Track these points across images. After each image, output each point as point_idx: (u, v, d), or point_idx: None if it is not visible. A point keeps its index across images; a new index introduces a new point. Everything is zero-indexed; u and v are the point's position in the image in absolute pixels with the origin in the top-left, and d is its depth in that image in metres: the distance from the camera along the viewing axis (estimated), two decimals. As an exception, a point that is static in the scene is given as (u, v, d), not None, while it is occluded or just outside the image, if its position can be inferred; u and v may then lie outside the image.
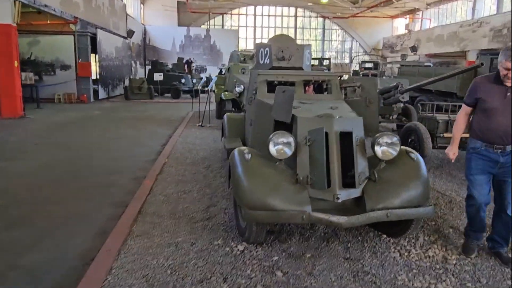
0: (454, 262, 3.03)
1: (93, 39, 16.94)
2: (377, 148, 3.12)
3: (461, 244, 3.27)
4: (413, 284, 2.69)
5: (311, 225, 3.59)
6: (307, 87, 4.73)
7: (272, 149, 3.05)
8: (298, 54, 4.99)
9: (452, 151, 3.15)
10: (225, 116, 5.94)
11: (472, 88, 2.97)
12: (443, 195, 4.69)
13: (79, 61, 16.32)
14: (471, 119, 3.09)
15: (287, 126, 3.39)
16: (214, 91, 11.14)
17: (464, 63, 25.42)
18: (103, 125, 9.89)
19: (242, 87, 9.29)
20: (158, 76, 18.25)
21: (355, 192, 3.02)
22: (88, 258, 2.98)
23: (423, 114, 5.95)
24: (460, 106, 6.15)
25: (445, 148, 5.75)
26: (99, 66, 17.79)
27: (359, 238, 3.41)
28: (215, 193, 4.58)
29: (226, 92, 9.68)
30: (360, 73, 22.93)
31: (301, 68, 5.00)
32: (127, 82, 21.57)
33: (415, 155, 3.27)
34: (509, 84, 2.75)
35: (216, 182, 5.00)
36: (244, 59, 11.47)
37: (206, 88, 19.96)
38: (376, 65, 24.13)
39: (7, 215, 3.82)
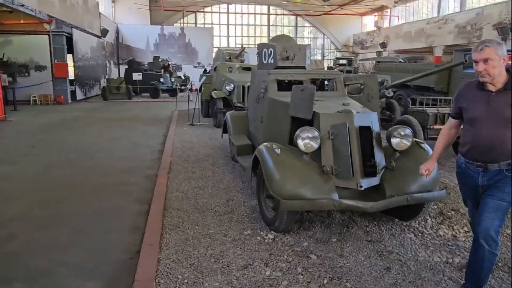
0: (463, 239, 3.41)
1: (68, 39, 16.54)
2: (393, 140, 3.45)
3: (465, 224, 3.67)
4: (433, 259, 3.04)
5: (329, 213, 3.89)
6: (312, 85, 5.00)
7: (301, 143, 3.31)
8: (301, 54, 5.25)
9: (425, 167, 2.65)
10: (227, 114, 6.14)
11: (455, 97, 2.57)
12: (440, 182, 5.11)
13: (55, 61, 15.90)
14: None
15: (304, 122, 3.66)
16: (200, 90, 11.24)
17: (431, 59, 26.69)
18: (92, 126, 9.79)
19: (232, 85, 9.50)
20: (137, 76, 18.09)
21: (375, 180, 3.34)
22: (131, 252, 3.13)
23: (413, 108, 6.39)
24: (440, 100, 6.69)
25: (435, 139, 6.25)
26: (76, 67, 17.38)
27: (374, 222, 3.74)
28: (229, 188, 4.78)
29: (216, 91, 9.81)
30: (335, 69, 23.59)
31: (303, 67, 5.27)
32: (103, 82, 21.25)
33: (425, 145, 3.63)
34: (492, 89, 2.30)
35: (227, 178, 5.20)
36: (230, 57, 11.63)
37: (183, 87, 20.08)
38: (350, 61, 24.88)
39: (34, 217, 3.87)
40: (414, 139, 3.64)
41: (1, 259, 3.04)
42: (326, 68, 28.56)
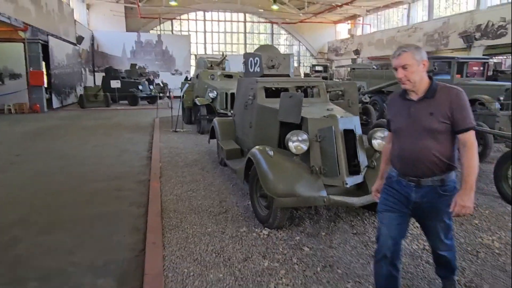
0: (437, 229, 3.79)
1: (44, 46, 16.33)
2: (374, 141, 3.81)
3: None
4: (412, 247, 3.40)
5: (316, 210, 4.20)
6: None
7: (291, 145, 3.61)
8: (285, 63, 5.58)
9: (374, 188, 2.57)
10: (214, 121, 6.38)
11: (386, 109, 2.51)
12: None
13: (31, 69, 15.65)
14: None
15: (292, 127, 3.98)
16: (182, 98, 11.42)
17: (402, 65, 27.78)
18: (75, 134, 9.78)
19: (215, 92, 9.75)
20: (115, 83, 18.00)
21: (359, 178, 3.68)
22: (136, 251, 3.33)
23: (388, 112, 6.85)
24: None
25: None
26: (52, 74, 17.15)
27: (358, 217, 4.08)
28: (220, 190, 5.02)
29: (199, 98, 10.03)
30: (311, 75, 24.25)
31: (288, 75, 5.60)
32: (79, 90, 20.99)
33: (402, 145, 4.00)
34: (414, 97, 2.18)
35: (217, 181, 5.44)
36: (211, 65, 11.87)
37: (161, 95, 20.15)
38: (325, 68, 25.62)
39: (34, 222, 3.98)
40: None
41: (9, 261, 3.17)
42: (302, 75, 29.26)
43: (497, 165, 4.75)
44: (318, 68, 25.42)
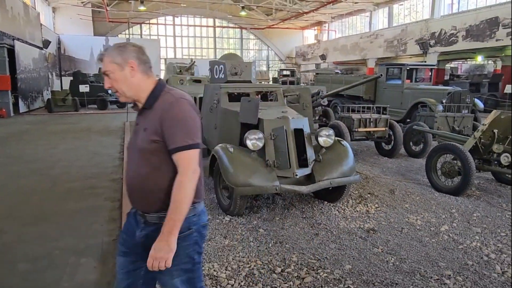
0: (373, 212, 4.50)
1: (10, 51, 16.18)
2: (319, 138, 4.47)
3: (376, 203, 4.77)
4: (350, 226, 4.06)
5: (273, 200, 4.81)
6: (256, 97, 5.94)
7: (249, 143, 4.20)
8: (247, 70, 6.18)
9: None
10: (183, 123, 6.87)
11: None
12: (361, 173, 6.28)
13: (-4, 74, 15.49)
14: None
15: (251, 127, 4.57)
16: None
17: (365, 70, 29.25)
18: (44, 138, 9.96)
19: (184, 96, 10.21)
20: (84, 88, 18.00)
21: (307, 170, 4.32)
22: (114, 236, 3.81)
23: (342, 114, 7.59)
24: (368, 108, 7.97)
25: (359, 140, 7.49)
26: (18, 79, 16.96)
27: (309, 205, 4.72)
28: (189, 186, 5.53)
29: (169, 102, 10.48)
30: (279, 80, 25.08)
31: (250, 81, 6.20)
32: (46, 94, 20.76)
33: (345, 142, 4.70)
34: (138, 109, 1.75)
35: (186, 178, 5.94)
36: (181, 70, 12.33)
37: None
38: (293, 72, 26.53)
39: (17, 216, 4.35)
40: (336, 138, 4.69)
41: (-2, 248, 3.56)
42: (271, 79, 30.08)
43: (428, 158, 5.54)
44: (285, 72, 26.25)
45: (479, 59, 24.92)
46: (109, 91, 19.28)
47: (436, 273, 3.10)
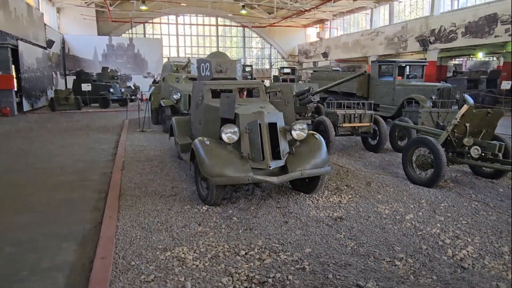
0: (345, 202, 4.70)
1: (14, 51, 16.58)
2: (293, 132, 4.68)
3: (351, 194, 4.98)
4: (319, 215, 4.28)
5: (252, 191, 5.04)
6: (241, 93, 6.18)
7: (224, 136, 4.44)
8: (232, 67, 6.41)
9: None
10: (173, 119, 7.12)
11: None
12: (343, 167, 6.48)
13: (0, 73, 15.89)
14: None
15: (231, 121, 4.80)
16: (150, 100, 12.08)
17: (366, 67, 29.29)
18: (46, 135, 10.29)
19: (179, 94, 10.48)
20: (86, 86, 18.37)
21: (281, 162, 4.54)
22: (95, 223, 4.07)
23: (328, 110, 7.80)
24: (357, 104, 8.15)
25: (344, 135, 7.68)
26: (22, 78, 17.37)
27: (285, 196, 4.93)
28: (174, 179, 5.79)
29: (164, 99, 10.74)
30: (280, 77, 25.28)
31: (235, 78, 6.42)
32: (50, 93, 21.18)
33: (318, 135, 4.91)
34: None
35: (173, 172, 6.20)
36: (177, 69, 12.58)
37: (134, 97, 20.66)
38: (293, 70, 26.71)
39: (6, 206, 4.63)
40: (310, 131, 4.90)
41: (-13, 234, 3.84)
42: (272, 77, 30.27)
43: (404, 151, 5.73)
44: (286, 70, 26.44)
45: (480, 55, 24.86)
46: (111, 90, 19.78)
47: (390, 256, 3.31)
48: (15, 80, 17.71)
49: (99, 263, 3.12)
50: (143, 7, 25.80)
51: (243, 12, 27.11)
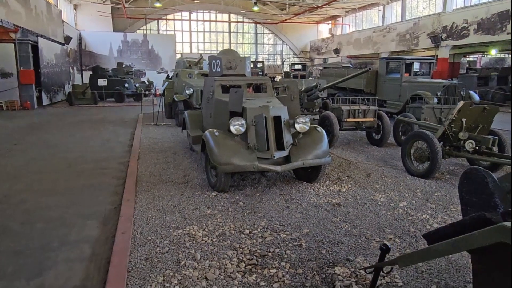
0: (345, 190, 5.05)
1: (34, 47, 17.25)
2: (296, 125, 5.04)
3: (351, 184, 5.32)
4: (319, 201, 4.64)
5: (258, 180, 5.42)
6: (249, 88, 6.55)
7: (232, 128, 4.82)
8: (242, 64, 6.78)
9: None
10: (186, 113, 7.53)
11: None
12: (346, 160, 6.81)
13: (21, 68, 16.59)
14: None
15: (238, 114, 5.18)
16: (163, 94, 12.55)
17: (377, 64, 29.30)
18: (65, 127, 10.85)
19: (192, 89, 10.90)
20: (102, 82, 19.00)
21: (284, 153, 4.91)
22: (115, 204, 4.51)
23: (333, 105, 8.11)
24: (363, 100, 8.44)
25: (349, 129, 8.00)
26: (41, 73, 18.06)
27: (289, 185, 5.30)
28: (187, 168, 6.21)
29: (178, 94, 11.18)
30: (291, 74, 25.53)
31: (244, 75, 6.80)
32: (67, 88, 21.90)
33: (320, 128, 5.25)
34: None
35: (185, 162, 6.62)
36: (190, 65, 13.00)
37: (148, 92, 21.22)
38: (304, 66, 26.93)
39: (36, 190, 5.11)
40: (313, 125, 5.26)
41: (20, 213, 4.31)
42: (283, 73, 30.51)
43: (403, 144, 6.03)
44: (297, 66, 26.68)
45: (493, 52, 24.68)
46: (126, 85, 20.37)
47: (380, 237, 3.66)
48: (35, 75, 18.44)
49: (120, 237, 3.55)
50: (157, 4, 26.33)
51: (255, 8, 27.37)
